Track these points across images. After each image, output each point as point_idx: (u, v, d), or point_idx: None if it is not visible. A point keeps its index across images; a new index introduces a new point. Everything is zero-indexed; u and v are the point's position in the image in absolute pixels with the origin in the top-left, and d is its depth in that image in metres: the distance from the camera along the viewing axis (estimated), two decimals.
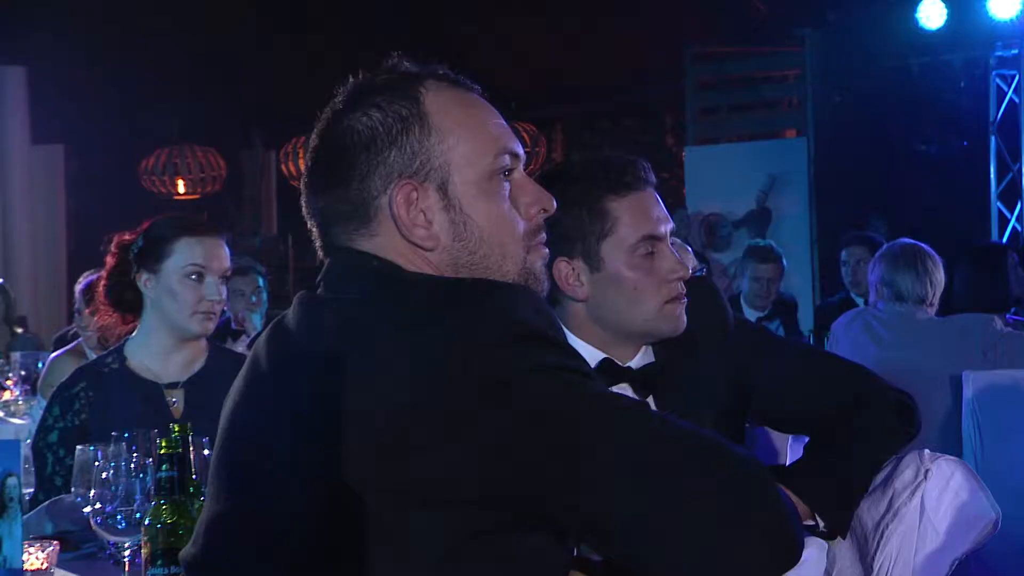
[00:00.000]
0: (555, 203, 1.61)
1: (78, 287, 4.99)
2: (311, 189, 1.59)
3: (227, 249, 3.04)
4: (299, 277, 12.79)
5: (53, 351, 5.28)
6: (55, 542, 2.36)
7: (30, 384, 5.15)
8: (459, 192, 1.53)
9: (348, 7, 9.66)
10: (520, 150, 1.59)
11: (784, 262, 6.45)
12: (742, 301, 6.29)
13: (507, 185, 1.57)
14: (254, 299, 5.83)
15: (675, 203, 9.29)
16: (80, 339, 4.78)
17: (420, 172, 1.52)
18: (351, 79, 1.60)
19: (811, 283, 9.09)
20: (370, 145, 1.52)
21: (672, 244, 2.19)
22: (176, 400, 3.01)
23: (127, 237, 3.04)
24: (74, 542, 2.54)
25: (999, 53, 8.82)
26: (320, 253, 1.60)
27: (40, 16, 9.36)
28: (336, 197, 1.55)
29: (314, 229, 1.60)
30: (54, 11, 9.31)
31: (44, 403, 4.25)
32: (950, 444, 3.93)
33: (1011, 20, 8.22)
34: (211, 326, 3.01)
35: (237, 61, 10.70)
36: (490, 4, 9.73)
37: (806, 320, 7.22)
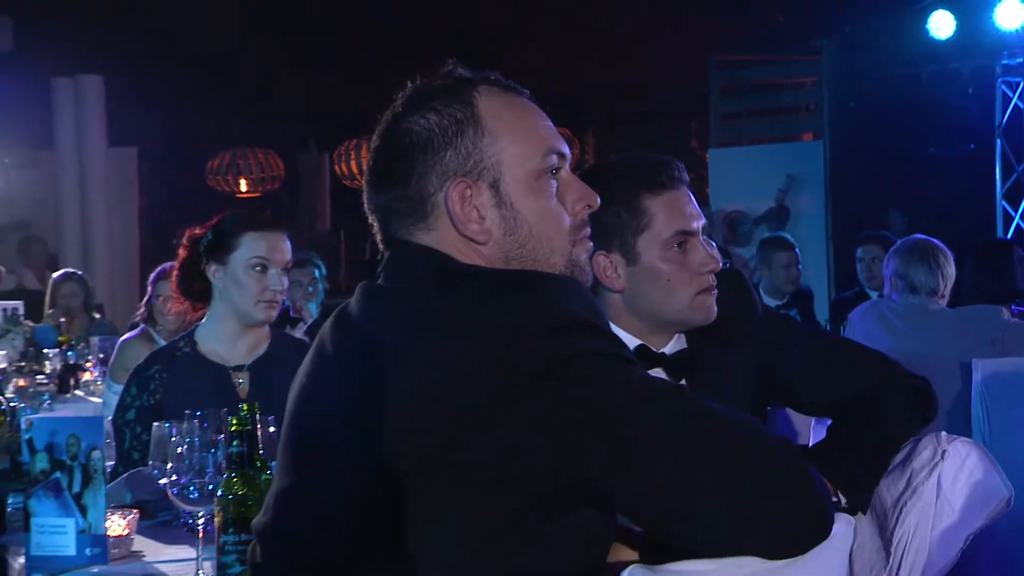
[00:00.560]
0: (599, 199, 1.60)
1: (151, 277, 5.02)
2: (372, 186, 1.58)
3: (288, 242, 3.05)
4: (351, 269, 12.84)
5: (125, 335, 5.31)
6: (135, 510, 2.38)
7: (107, 366, 5.19)
8: (510, 189, 1.52)
9: (396, 24, 9.68)
10: (566, 150, 1.58)
11: (797, 250, 6.44)
12: (761, 291, 6.24)
13: (554, 183, 1.56)
14: (311, 289, 5.84)
15: (699, 201, 9.19)
16: (143, 326, 4.78)
17: (474, 171, 1.51)
18: (409, 84, 1.59)
19: (826, 277, 9.03)
20: (427, 146, 1.51)
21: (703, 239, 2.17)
22: (242, 381, 3.02)
23: (197, 232, 3.05)
24: (151, 511, 2.55)
25: (1005, 61, 8.76)
26: (380, 246, 1.59)
27: (116, 28, 9.44)
28: (396, 194, 1.54)
29: (374, 224, 1.59)
30: (129, 23, 9.38)
31: (113, 385, 4.28)
32: (960, 427, 3.89)
33: (1016, 31, 8.15)
34: (274, 314, 3.02)
35: (296, 71, 10.75)
36: (535, 21, 9.74)
37: (821, 312, 7.16)
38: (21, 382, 3.89)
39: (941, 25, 8.50)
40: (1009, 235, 8.67)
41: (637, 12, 9.61)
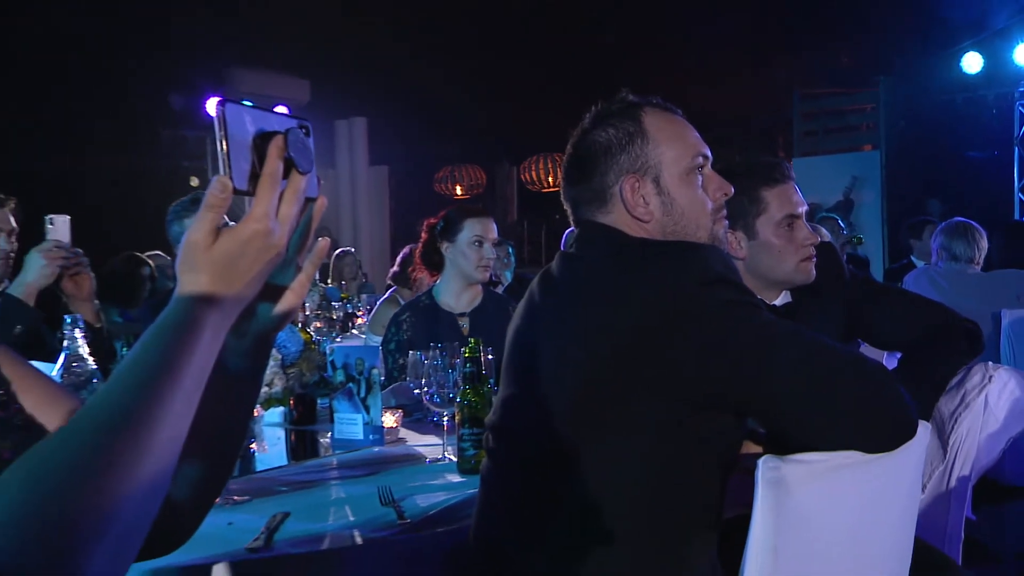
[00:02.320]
0: (733, 189, 1.53)
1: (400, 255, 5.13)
2: (567, 181, 1.56)
3: (495, 225, 3.06)
4: (531, 249, 12.86)
5: (383, 295, 5.45)
6: (399, 411, 2.44)
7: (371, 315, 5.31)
8: (668, 182, 1.47)
9: (557, 69, 9.62)
10: (709, 153, 1.52)
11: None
12: None
13: (700, 177, 1.50)
14: (506, 261, 5.90)
15: None
16: (394, 288, 4.88)
17: (641, 169, 1.47)
18: (593, 107, 1.56)
19: (881, 252, 8.69)
20: (607, 152, 1.48)
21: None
22: (464, 324, 3.05)
23: (432, 221, 3.09)
24: (409, 411, 2.61)
25: (1022, 89, 8.40)
26: (572, 224, 1.57)
27: (377, 84, 9.73)
28: (584, 187, 1.51)
29: (568, 208, 1.57)
30: (386, 81, 9.64)
31: (372, 336, 4.37)
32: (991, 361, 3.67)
33: None
34: (487, 275, 3.04)
35: (495, 107, 10.82)
36: (667, 61, 9.55)
37: (876, 279, 6.81)
38: (318, 324, 4.03)
39: (972, 63, 8.27)
40: None
41: (736, 54, 9.31)
